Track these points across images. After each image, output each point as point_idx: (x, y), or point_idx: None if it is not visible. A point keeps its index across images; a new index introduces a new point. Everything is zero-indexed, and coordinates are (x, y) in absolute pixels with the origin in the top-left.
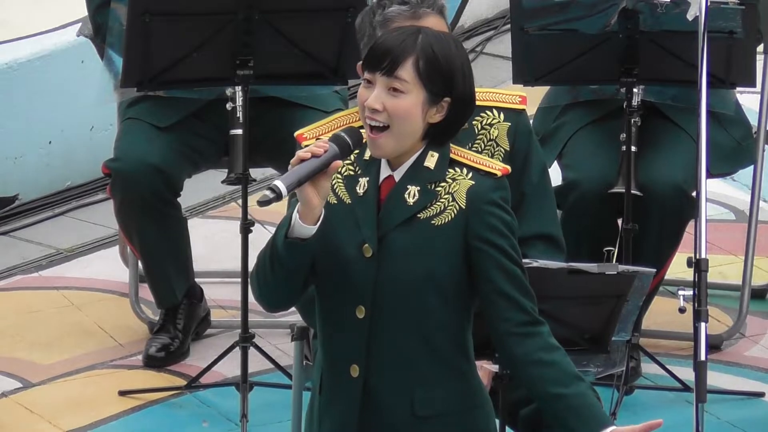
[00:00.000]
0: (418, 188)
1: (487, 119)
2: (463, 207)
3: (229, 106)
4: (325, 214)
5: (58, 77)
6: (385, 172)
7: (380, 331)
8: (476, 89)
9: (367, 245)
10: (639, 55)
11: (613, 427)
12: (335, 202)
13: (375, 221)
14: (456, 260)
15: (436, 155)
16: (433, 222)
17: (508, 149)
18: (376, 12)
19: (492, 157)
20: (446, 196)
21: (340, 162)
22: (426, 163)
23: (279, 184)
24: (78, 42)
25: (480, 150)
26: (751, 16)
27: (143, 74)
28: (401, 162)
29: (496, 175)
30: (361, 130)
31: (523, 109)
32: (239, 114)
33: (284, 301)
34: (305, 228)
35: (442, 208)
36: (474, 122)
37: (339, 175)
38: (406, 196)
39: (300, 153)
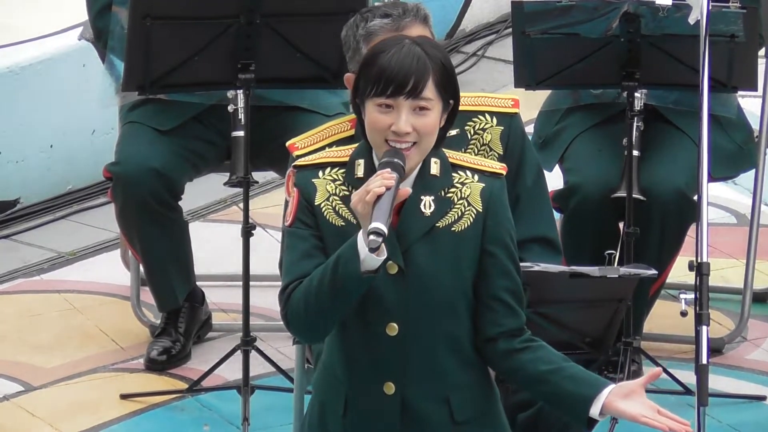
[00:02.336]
0: (432, 197)
1: (480, 124)
2: (481, 210)
3: (230, 108)
4: (338, 237)
5: (60, 81)
6: None
7: (413, 345)
8: (469, 94)
9: (390, 262)
10: (641, 58)
11: (613, 385)
12: (342, 224)
13: (393, 237)
14: (475, 261)
15: (438, 161)
16: (452, 229)
17: (502, 153)
18: (359, 25)
19: None
20: (461, 202)
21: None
22: (432, 171)
23: (378, 225)
24: (79, 46)
25: (474, 155)
26: (752, 19)
27: (144, 78)
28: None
29: (501, 174)
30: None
31: (516, 113)
32: (241, 116)
33: (332, 329)
34: (375, 259)
35: (460, 214)
36: (467, 127)
37: (335, 197)
38: (422, 207)
39: (375, 189)
